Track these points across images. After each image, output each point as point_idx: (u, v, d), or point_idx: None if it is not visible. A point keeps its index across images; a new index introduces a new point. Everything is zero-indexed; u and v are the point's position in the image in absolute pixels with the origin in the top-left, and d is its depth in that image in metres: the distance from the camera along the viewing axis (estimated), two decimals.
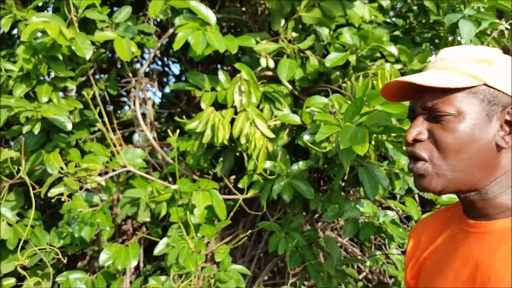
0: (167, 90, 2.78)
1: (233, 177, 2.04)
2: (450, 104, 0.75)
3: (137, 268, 2.13)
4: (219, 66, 2.38)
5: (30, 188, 1.44)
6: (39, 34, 1.55)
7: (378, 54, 1.63)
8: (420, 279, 0.89)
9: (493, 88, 0.75)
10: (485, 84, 0.75)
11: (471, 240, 0.78)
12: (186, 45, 1.57)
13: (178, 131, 1.38)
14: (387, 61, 1.68)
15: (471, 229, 0.79)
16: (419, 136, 0.77)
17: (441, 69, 0.78)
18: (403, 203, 1.62)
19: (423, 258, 0.90)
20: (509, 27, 1.78)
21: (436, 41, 2.06)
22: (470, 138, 0.75)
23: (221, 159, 1.83)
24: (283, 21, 1.68)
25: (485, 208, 0.78)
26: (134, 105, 1.94)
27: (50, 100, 1.58)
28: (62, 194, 1.41)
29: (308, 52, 1.65)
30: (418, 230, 0.96)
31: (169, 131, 1.37)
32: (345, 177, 1.66)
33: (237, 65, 1.63)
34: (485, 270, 0.72)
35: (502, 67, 0.76)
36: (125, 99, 2.57)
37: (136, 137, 2.67)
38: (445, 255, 0.83)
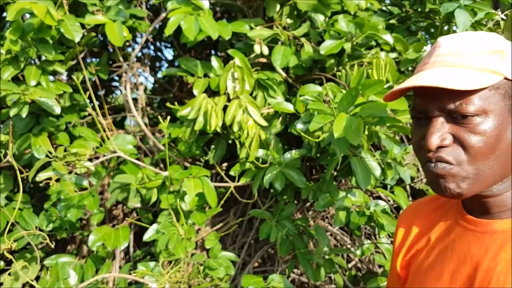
0: (159, 75, 2.74)
1: (225, 164, 2.03)
2: (474, 104, 0.68)
3: (127, 253, 2.12)
4: (212, 52, 2.35)
5: (18, 172, 1.42)
6: (28, 16, 1.52)
7: (374, 43, 1.61)
8: (411, 272, 0.86)
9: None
10: (506, 78, 0.69)
11: (470, 238, 0.75)
12: (179, 30, 1.54)
13: (169, 117, 1.36)
14: (382, 49, 1.66)
15: (470, 226, 0.76)
16: (443, 142, 0.70)
17: (452, 67, 0.71)
18: (393, 193, 1.62)
19: (415, 250, 0.86)
20: (504, 18, 1.77)
21: (432, 30, 2.05)
22: (497, 138, 0.69)
23: (213, 146, 1.81)
24: (278, 7, 1.65)
25: (487, 205, 0.75)
26: (126, 90, 1.91)
27: (38, 84, 1.55)
28: (50, 179, 1.39)
29: (303, 39, 1.63)
30: (408, 216, 0.92)
31: (159, 117, 1.35)
32: (338, 167, 1.66)
33: (230, 52, 1.60)
34: (486, 273, 0.70)
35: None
36: (117, 84, 2.54)
37: (128, 122, 2.65)
38: (440, 250, 0.80)
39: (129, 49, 2.22)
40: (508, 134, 0.70)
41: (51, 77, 1.90)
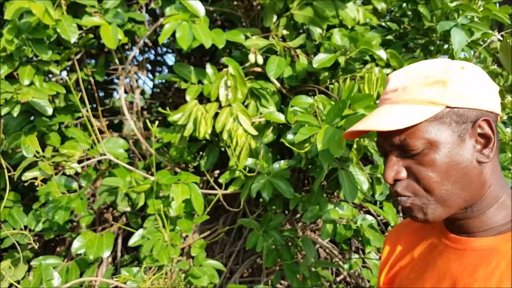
0: (157, 80, 2.75)
1: (217, 172, 2.02)
2: (419, 138, 0.71)
3: (114, 258, 2.11)
4: (212, 59, 2.35)
5: (5, 170, 1.42)
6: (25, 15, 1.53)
7: (368, 58, 1.61)
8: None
9: (456, 108, 0.71)
10: (448, 107, 0.71)
11: (450, 255, 0.76)
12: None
13: (157, 122, 1.36)
14: (377, 65, 1.66)
15: (451, 243, 0.77)
16: (397, 176, 0.74)
17: (396, 104, 0.74)
18: (383, 209, 1.61)
19: (399, 266, 0.87)
20: (501, 38, 1.77)
21: (430, 48, 2.05)
22: (449, 166, 0.71)
23: (205, 153, 1.81)
24: (275, 18, 1.66)
25: (468, 225, 0.76)
26: (120, 92, 1.91)
27: (32, 83, 1.56)
28: (36, 178, 1.39)
29: (298, 51, 1.63)
30: (394, 235, 0.93)
31: (147, 121, 1.35)
32: (327, 179, 1.66)
33: (224, 60, 1.61)
34: None
35: (458, 82, 0.72)
36: (114, 86, 2.55)
37: (127, 124, 2.65)
38: (421, 267, 0.81)
39: (128, 53, 2.23)
40: (463, 158, 0.72)
41: (47, 77, 1.91)
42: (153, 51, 2.60)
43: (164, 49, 2.64)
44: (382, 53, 1.49)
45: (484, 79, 0.74)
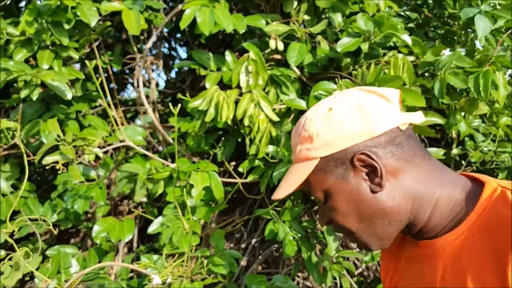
0: (172, 74, 2.74)
1: (233, 163, 2.00)
2: (315, 191, 0.76)
3: (130, 248, 2.09)
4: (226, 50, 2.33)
5: (24, 155, 1.41)
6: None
7: (391, 43, 1.59)
8: None
9: (329, 155, 0.73)
10: (321, 158, 0.73)
11: (423, 261, 0.76)
12: (193, 24, 1.53)
13: (179, 105, 1.34)
14: (399, 52, 1.63)
15: (422, 250, 0.76)
16: (324, 222, 0.79)
17: (293, 164, 0.79)
18: None
19: (395, 281, 0.87)
20: None
21: (449, 39, 2.02)
22: (349, 207, 0.73)
23: (222, 143, 1.79)
24: (295, 4, 1.63)
25: (426, 231, 0.75)
26: (138, 83, 1.90)
27: (51, 68, 1.54)
28: (57, 163, 1.37)
29: (319, 37, 1.61)
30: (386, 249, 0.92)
31: (170, 105, 1.32)
32: None
33: (245, 45, 1.58)
34: None
35: (324, 130, 0.73)
36: (128, 78, 2.54)
37: (138, 122, 2.64)
38: (407, 281, 0.81)
39: (143, 45, 2.21)
40: (360, 195, 0.73)
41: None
42: (166, 44, 2.59)
43: (178, 42, 2.63)
44: (407, 38, 1.46)
45: (356, 109, 0.73)
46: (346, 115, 0.73)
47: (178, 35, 2.53)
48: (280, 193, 0.76)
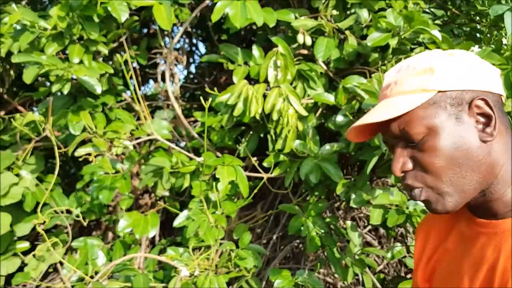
0: (192, 69, 2.75)
1: (254, 158, 2.01)
2: (417, 125, 0.72)
3: (152, 242, 2.11)
4: (249, 46, 2.34)
5: (55, 148, 1.43)
6: None
7: (420, 39, 1.58)
8: (434, 284, 0.86)
9: (448, 91, 0.72)
10: (440, 91, 0.72)
11: (483, 241, 0.74)
12: (217, 23, 1.53)
13: (210, 99, 1.35)
14: (426, 48, 1.62)
15: (481, 228, 0.75)
16: (404, 167, 0.74)
17: (391, 97, 0.76)
18: None
19: (434, 260, 0.86)
20: None
21: (475, 36, 2.01)
22: (452, 149, 0.71)
23: (246, 139, 1.79)
24: None
25: (492, 207, 0.74)
26: (163, 77, 1.91)
27: (81, 62, 1.56)
28: (89, 155, 1.38)
29: (347, 32, 1.60)
30: (425, 227, 0.92)
31: (202, 99, 1.33)
32: (377, 163, 1.62)
33: (274, 39, 1.58)
34: (503, 274, 0.69)
35: (447, 67, 0.72)
36: (151, 73, 2.56)
37: (155, 117, 2.66)
38: (457, 258, 0.79)
39: (166, 39, 2.23)
40: (465, 139, 0.71)
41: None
42: (187, 40, 2.60)
43: (198, 38, 2.64)
44: (437, 34, 1.46)
45: (475, 62, 0.73)
46: (469, 63, 0.73)
47: (199, 31, 2.54)
48: (375, 117, 0.73)
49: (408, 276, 1.98)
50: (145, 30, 2.36)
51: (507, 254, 0.69)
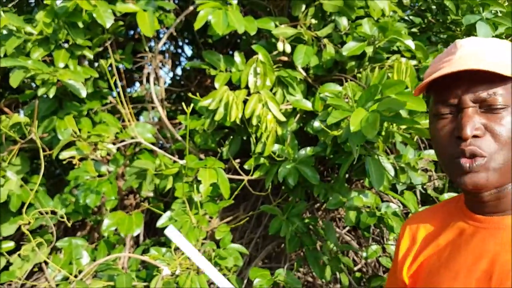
0: (178, 71, 2.80)
1: (237, 160, 2.06)
2: (503, 96, 0.72)
3: (136, 242, 2.15)
4: (232, 50, 2.39)
5: (40, 150, 1.46)
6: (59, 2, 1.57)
7: (395, 48, 1.64)
8: (421, 278, 0.86)
9: None
10: None
11: (484, 236, 0.76)
12: (202, 27, 1.58)
13: (192, 105, 1.40)
14: (403, 56, 1.69)
15: (482, 224, 0.78)
16: (476, 131, 0.72)
17: (483, 61, 0.73)
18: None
19: (424, 256, 0.86)
20: None
21: (451, 44, 2.08)
22: None
23: (228, 142, 1.85)
24: (303, 7, 1.69)
25: (499, 205, 0.77)
26: (148, 80, 1.95)
27: (66, 66, 1.60)
28: (73, 158, 1.42)
29: (326, 40, 1.66)
30: (412, 224, 0.93)
31: (183, 104, 1.38)
32: (352, 167, 1.68)
33: (254, 47, 1.64)
34: (504, 266, 0.71)
35: None
36: (136, 76, 2.59)
37: (141, 119, 2.70)
38: (451, 252, 0.80)
39: (152, 43, 2.27)
40: None
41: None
42: (173, 42, 2.65)
43: (184, 41, 2.68)
44: (410, 43, 1.52)
45: None
46: None
47: (185, 33, 2.58)
48: (471, 65, 0.71)
49: (385, 275, 2.04)
50: (132, 32, 2.40)
51: (508, 248, 0.71)
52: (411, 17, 2.04)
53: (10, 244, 1.95)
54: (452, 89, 0.75)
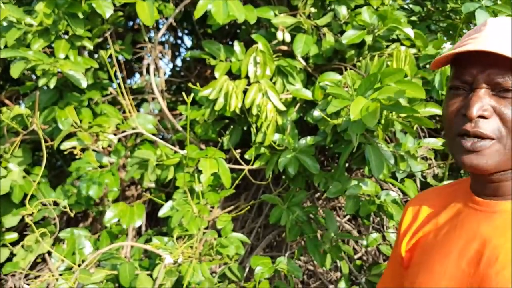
0: (178, 62, 2.79)
1: (238, 150, 2.07)
2: None
3: (138, 232, 2.17)
4: (232, 41, 2.39)
5: (42, 141, 1.47)
6: None
7: (395, 36, 1.64)
8: (417, 252, 0.88)
9: None
10: None
11: (479, 218, 0.77)
12: (202, 17, 1.58)
13: (192, 94, 1.40)
14: (402, 44, 1.69)
15: (479, 207, 0.79)
16: (483, 112, 0.72)
17: (507, 42, 0.71)
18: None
19: (423, 232, 0.88)
20: None
21: (451, 32, 2.08)
22: None
23: (229, 131, 1.85)
24: None
25: (500, 188, 0.77)
26: (148, 71, 1.96)
27: (67, 57, 1.60)
28: (74, 148, 1.43)
29: (325, 29, 1.67)
30: (415, 203, 0.95)
31: (184, 94, 1.39)
32: (351, 156, 1.69)
33: (254, 36, 1.64)
34: (494, 249, 0.72)
35: None
36: (136, 67, 2.59)
37: (141, 110, 2.71)
38: (448, 231, 0.82)
39: (151, 34, 2.27)
40: None
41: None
42: (172, 33, 2.64)
43: (184, 32, 2.68)
44: (409, 31, 1.52)
45: None
46: None
47: (185, 24, 2.58)
48: (491, 46, 0.70)
49: (385, 263, 2.06)
50: (131, 23, 2.40)
51: (502, 232, 0.72)
52: (410, 5, 2.04)
53: (13, 236, 1.97)
54: (469, 67, 0.75)
